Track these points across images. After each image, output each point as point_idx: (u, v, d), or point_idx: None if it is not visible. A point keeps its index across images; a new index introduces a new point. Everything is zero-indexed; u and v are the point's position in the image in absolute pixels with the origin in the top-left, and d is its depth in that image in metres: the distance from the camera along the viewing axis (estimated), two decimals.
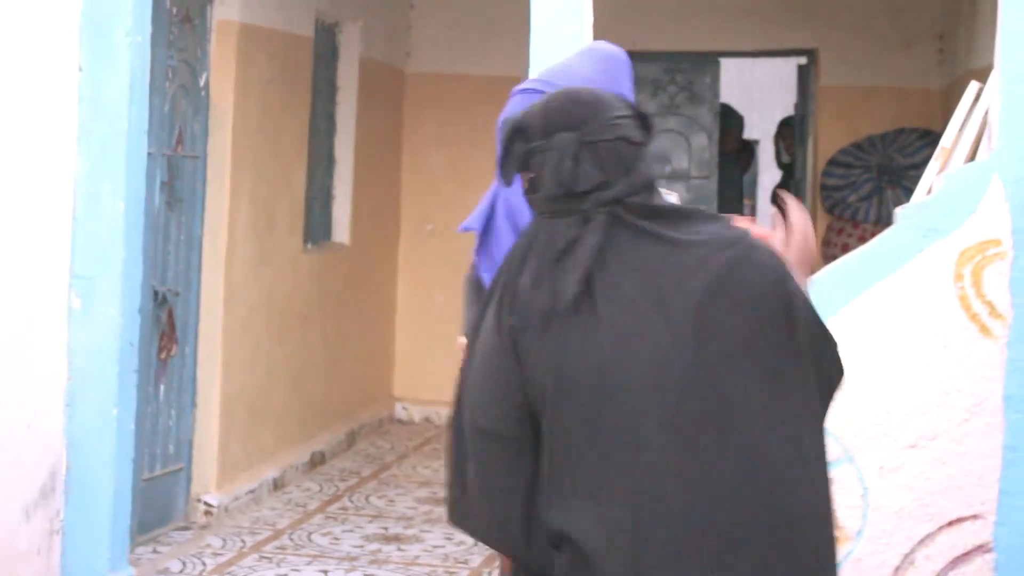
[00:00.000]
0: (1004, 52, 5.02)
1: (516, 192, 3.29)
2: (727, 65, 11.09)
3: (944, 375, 4.81)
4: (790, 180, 11.33)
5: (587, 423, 2.57)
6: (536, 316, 2.61)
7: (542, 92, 3.28)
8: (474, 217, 3.48)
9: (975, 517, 4.83)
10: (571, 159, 2.63)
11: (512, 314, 2.64)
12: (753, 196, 17.33)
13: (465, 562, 6.70)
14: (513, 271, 2.69)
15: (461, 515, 2.80)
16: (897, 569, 4.81)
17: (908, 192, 5.72)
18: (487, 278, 3.32)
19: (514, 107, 3.31)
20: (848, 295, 4.88)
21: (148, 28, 5.63)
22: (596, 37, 5.30)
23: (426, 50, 10.28)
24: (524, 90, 3.33)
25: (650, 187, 2.68)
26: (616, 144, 2.65)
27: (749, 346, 2.56)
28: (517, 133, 2.72)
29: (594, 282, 2.58)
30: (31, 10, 5.29)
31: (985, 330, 4.93)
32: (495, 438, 2.66)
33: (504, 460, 2.67)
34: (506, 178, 2.75)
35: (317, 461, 8.64)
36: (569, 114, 2.67)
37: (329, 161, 9.12)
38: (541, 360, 2.60)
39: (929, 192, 5.20)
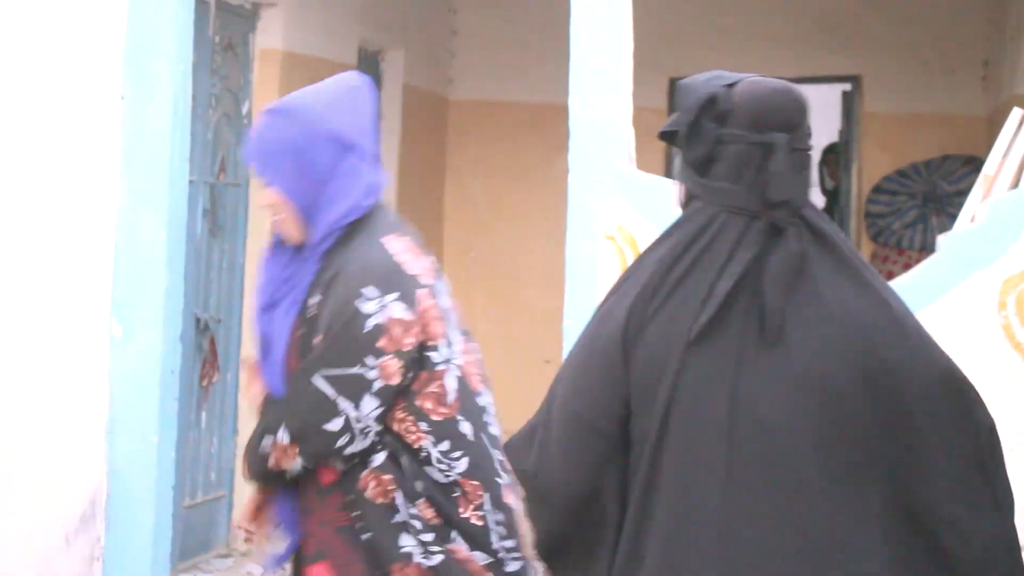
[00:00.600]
0: None
1: None
2: None
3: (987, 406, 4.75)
4: (834, 206, 11.29)
5: (684, 443, 2.44)
6: (678, 315, 2.45)
7: (287, 113, 3.36)
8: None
9: None
10: (788, 165, 2.45)
11: (648, 306, 2.47)
12: None
13: None
14: (666, 260, 2.49)
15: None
16: None
17: (953, 219, 5.69)
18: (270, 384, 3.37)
19: (262, 130, 3.38)
20: None
21: (190, 57, 5.64)
22: (636, 64, 5.29)
23: (469, 77, 10.29)
24: (271, 111, 3.40)
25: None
26: (808, 154, 2.53)
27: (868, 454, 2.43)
28: (710, 109, 2.52)
29: (746, 298, 2.44)
30: (74, 39, 5.31)
31: None
32: (587, 427, 2.52)
33: (591, 453, 2.52)
34: (691, 156, 2.53)
35: None
36: (786, 114, 2.48)
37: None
38: (659, 364, 2.45)
39: (973, 220, 5.16)
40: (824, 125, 15.22)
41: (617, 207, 5.18)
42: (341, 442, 3.20)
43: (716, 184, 2.50)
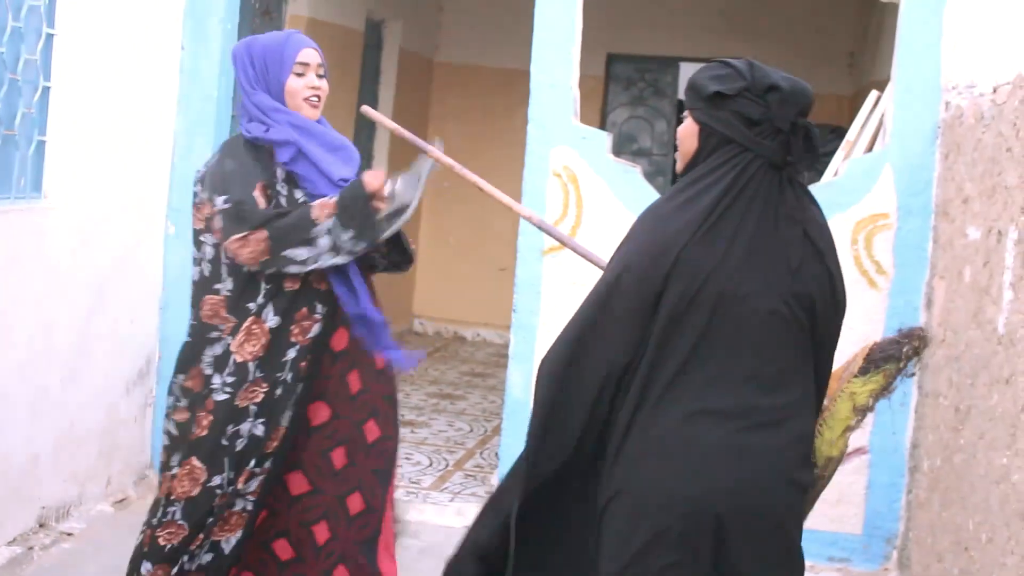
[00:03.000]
0: (899, 68, 5.03)
1: None
2: (685, 68, 11.05)
3: None
4: None
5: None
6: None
7: None
8: None
9: None
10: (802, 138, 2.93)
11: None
12: None
13: (462, 444, 6.76)
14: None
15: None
16: None
17: (820, 174, 5.76)
18: None
19: None
20: None
21: (236, 17, 5.62)
22: (584, 41, 5.30)
23: (451, 45, 10.25)
24: None
25: None
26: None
27: None
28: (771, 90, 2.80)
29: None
30: (145, 2, 5.27)
31: (872, 284, 4.97)
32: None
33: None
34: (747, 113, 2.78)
35: None
36: (809, 104, 2.96)
37: (371, 129, 9.11)
38: None
39: (835, 175, 5.23)
40: None
41: (563, 152, 5.22)
42: None
43: (763, 139, 2.70)
